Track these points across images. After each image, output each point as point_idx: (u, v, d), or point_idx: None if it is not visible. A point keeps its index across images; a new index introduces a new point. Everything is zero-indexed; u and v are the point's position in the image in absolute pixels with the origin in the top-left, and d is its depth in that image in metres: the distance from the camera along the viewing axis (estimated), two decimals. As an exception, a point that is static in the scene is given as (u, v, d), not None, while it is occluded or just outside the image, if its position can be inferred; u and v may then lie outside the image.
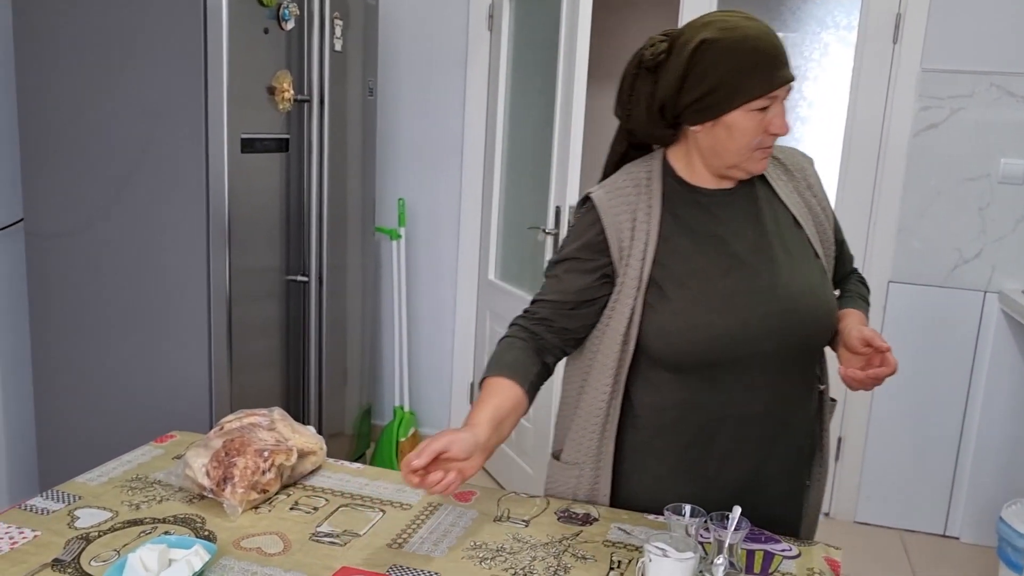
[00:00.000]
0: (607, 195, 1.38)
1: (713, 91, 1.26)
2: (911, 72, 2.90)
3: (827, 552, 1.40)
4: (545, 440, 2.95)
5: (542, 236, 2.87)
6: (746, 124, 1.28)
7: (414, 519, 1.40)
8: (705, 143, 1.33)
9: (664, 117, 1.34)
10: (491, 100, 3.31)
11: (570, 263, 1.40)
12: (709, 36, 1.26)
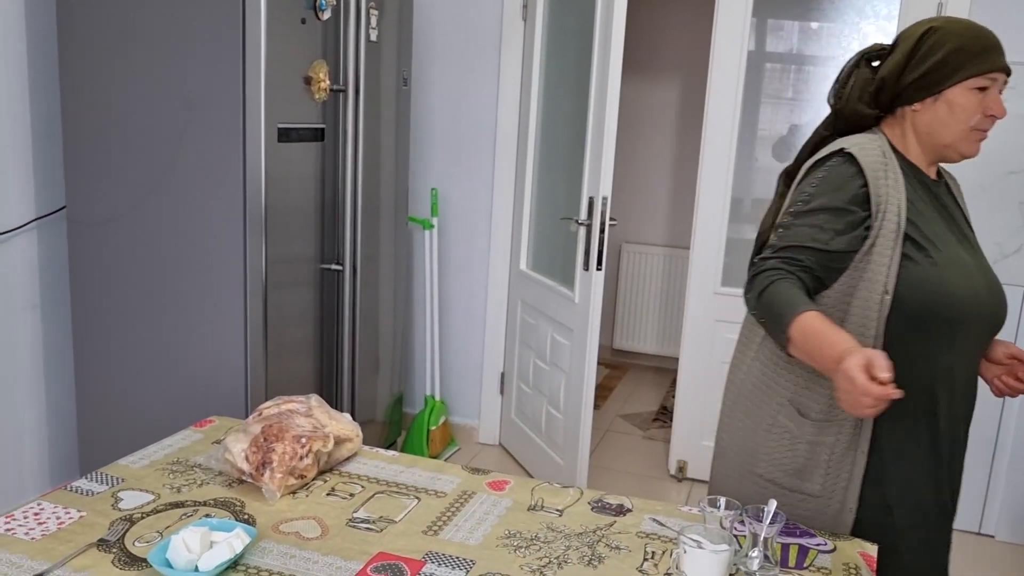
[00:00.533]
0: (861, 151, 1.41)
1: (938, 67, 1.39)
2: (953, 63, 2.85)
3: (862, 547, 1.39)
4: (575, 432, 2.95)
5: (575, 227, 2.87)
6: (966, 101, 1.40)
7: (449, 507, 1.41)
8: (923, 121, 1.44)
9: (878, 100, 1.47)
10: (524, 91, 3.31)
11: (832, 214, 1.39)
12: (935, 25, 1.42)
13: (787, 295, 1.34)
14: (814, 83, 3.08)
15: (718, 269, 3.22)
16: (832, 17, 3.02)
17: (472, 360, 3.60)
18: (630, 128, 4.73)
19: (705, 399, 3.31)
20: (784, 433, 1.48)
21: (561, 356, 3.07)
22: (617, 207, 4.81)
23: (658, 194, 4.73)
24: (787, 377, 1.47)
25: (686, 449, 3.38)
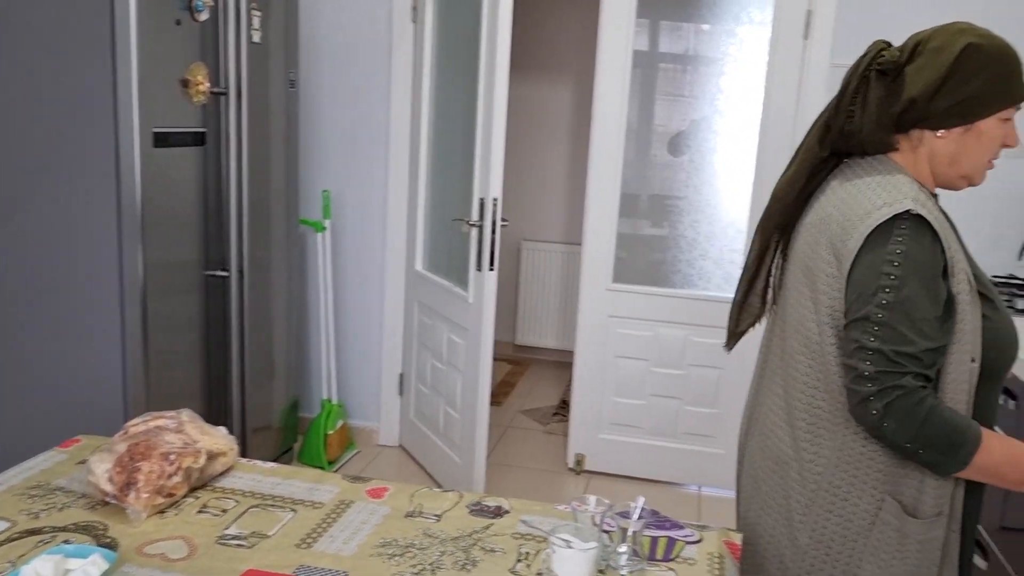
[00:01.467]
0: (924, 208, 1.24)
1: (978, 94, 1.26)
2: (821, 67, 2.99)
3: (727, 536, 1.45)
4: (471, 432, 2.97)
5: (466, 228, 2.89)
6: (996, 132, 1.29)
7: (325, 518, 1.41)
8: (947, 150, 1.31)
9: (900, 122, 1.31)
10: (416, 92, 3.30)
11: (930, 299, 1.22)
12: (973, 41, 1.26)
13: (950, 419, 1.21)
14: (704, 82, 3.17)
15: (610, 265, 3.29)
16: (709, 20, 3.12)
17: (370, 362, 3.58)
18: (526, 127, 4.78)
19: (601, 393, 3.39)
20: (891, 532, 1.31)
21: (457, 356, 3.09)
22: (516, 205, 4.86)
23: (555, 192, 4.80)
24: (879, 467, 1.31)
25: (583, 442, 3.45)
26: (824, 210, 1.34)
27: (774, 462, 1.43)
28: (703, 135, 3.20)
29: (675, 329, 3.29)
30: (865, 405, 1.22)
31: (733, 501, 3.32)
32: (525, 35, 4.68)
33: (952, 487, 1.30)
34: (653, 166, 3.27)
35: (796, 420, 1.38)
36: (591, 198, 3.26)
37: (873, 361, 1.21)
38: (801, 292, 1.37)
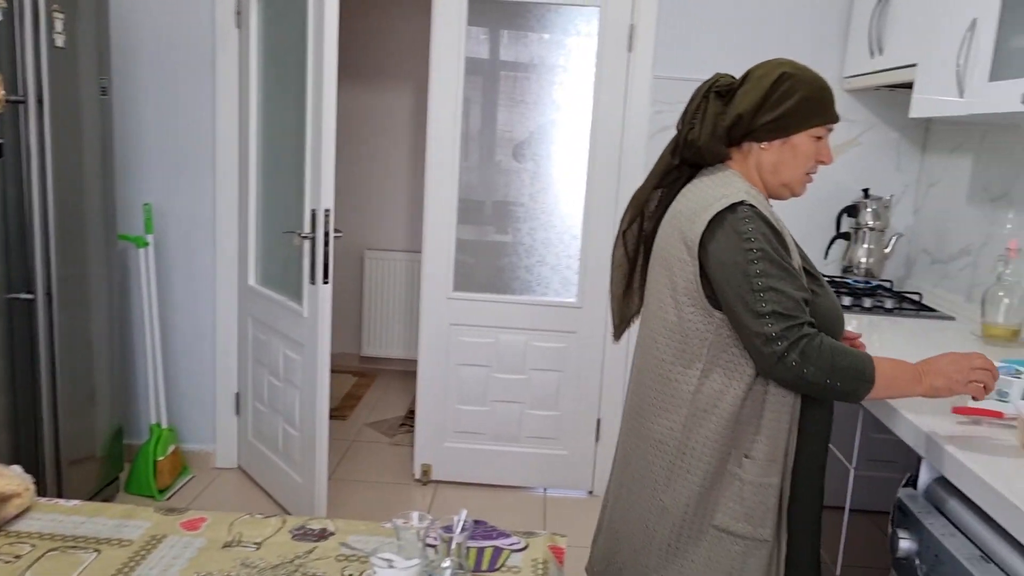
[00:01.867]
0: (756, 200, 1.49)
1: (789, 113, 1.52)
2: (644, 78, 3.13)
3: (552, 541, 1.48)
4: (311, 449, 2.89)
5: (298, 240, 2.81)
6: (807, 147, 1.55)
7: (133, 556, 1.33)
8: (770, 159, 1.56)
9: (730, 135, 1.56)
10: (243, 100, 3.18)
11: (783, 261, 1.45)
12: (787, 71, 1.54)
13: (845, 349, 1.43)
14: (542, 90, 3.23)
15: (450, 273, 3.29)
16: (540, 29, 3.19)
17: (204, 382, 3.42)
18: (366, 135, 4.72)
19: (444, 401, 3.39)
20: (735, 481, 1.52)
21: (294, 372, 3.00)
22: (357, 214, 4.79)
23: (397, 200, 4.77)
24: (728, 428, 1.51)
25: (429, 452, 3.44)
26: (675, 208, 1.59)
27: (638, 437, 1.63)
28: (540, 143, 3.27)
29: (516, 335, 3.34)
30: (783, 361, 1.41)
31: (578, 501, 3.41)
32: (360, 41, 4.63)
33: (785, 436, 1.52)
34: (498, 172, 3.31)
35: (655, 395, 1.59)
36: (429, 206, 3.26)
37: (774, 321, 1.41)
38: (660, 281, 1.59)
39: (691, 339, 1.53)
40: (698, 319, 1.52)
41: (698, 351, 1.52)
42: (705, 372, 1.52)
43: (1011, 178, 2.53)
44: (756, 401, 1.51)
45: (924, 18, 2.46)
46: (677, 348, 1.55)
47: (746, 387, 1.50)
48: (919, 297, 2.85)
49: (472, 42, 3.21)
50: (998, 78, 2.01)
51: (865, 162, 3.18)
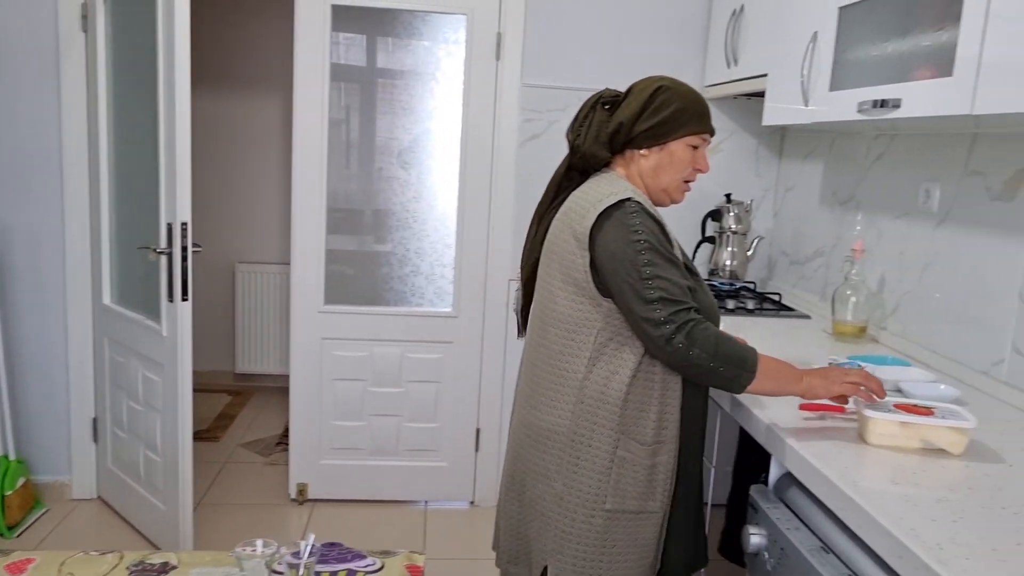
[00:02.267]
0: (641, 199, 1.58)
1: (666, 121, 1.63)
2: (513, 87, 3.14)
3: (410, 559, 1.45)
4: (174, 474, 2.75)
5: (154, 256, 2.67)
6: (683, 155, 1.66)
7: (-59, 607, 1.21)
8: (649, 165, 1.66)
9: (612, 142, 1.66)
10: (91, 108, 3.01)
11: (668, 252, 1.54)
12: (665, 84, 1.65)
13: (732, 339, 1.52)
14: (415, 98, 3.18)
15: (320, 286, 3.21)
16: (406, 37, 3.15)
17: (57, 409, 3.20)
18: (235, 144, 4.56)
19: (319, 418, 3.29)
20: (627, 464, 1.58)
21: (154, 394, 2.85)
22: (228, 226, 4.61)
23: (270, 211, 4.62)
24: (616, 414, 1.57)
25: (305, 470, 3.33)
26: (566, 207, 1.66)
27: (528, 428, 1.68)
28: (413, 151, 3.22)
29: (391, 347, 3.28)
30: (671, 343, 1.48)
31: (459, 512, 3.38)
32: (227, 47, 4.47)
33: (675, 419, 1.59)
34: (371, 181, 3.24)
35: (545, 387, 1.65)
36: (296, 217, 3.16)
37: (662, 306, 1.49)
38: (551, 274, 1.65)
39: (580, 328, 1.60)
40: (587, 308, 1.58)
41: (586, 340, 1.59)
42: (592, 360, 1.58)
43: (856, 182, 2.66)
44: (642, 387, 1.57)
45: (772, 30, 2.57)
46: (566, 338, 1.61)
47: (631, 373, 1.56)
48: (779, 297, 2.97)
49: (352, 49, 3.15)
50: (838, 88, 2.11)
51: (727, 168, 3.30)
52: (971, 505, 1.29)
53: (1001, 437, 1.64)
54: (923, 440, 1.49)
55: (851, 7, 2.06)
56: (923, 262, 2.27)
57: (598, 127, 1.67)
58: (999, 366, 1.95)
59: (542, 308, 1.69)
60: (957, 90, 1.60)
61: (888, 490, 1.33)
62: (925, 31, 1.75)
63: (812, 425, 1.60)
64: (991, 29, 1.52)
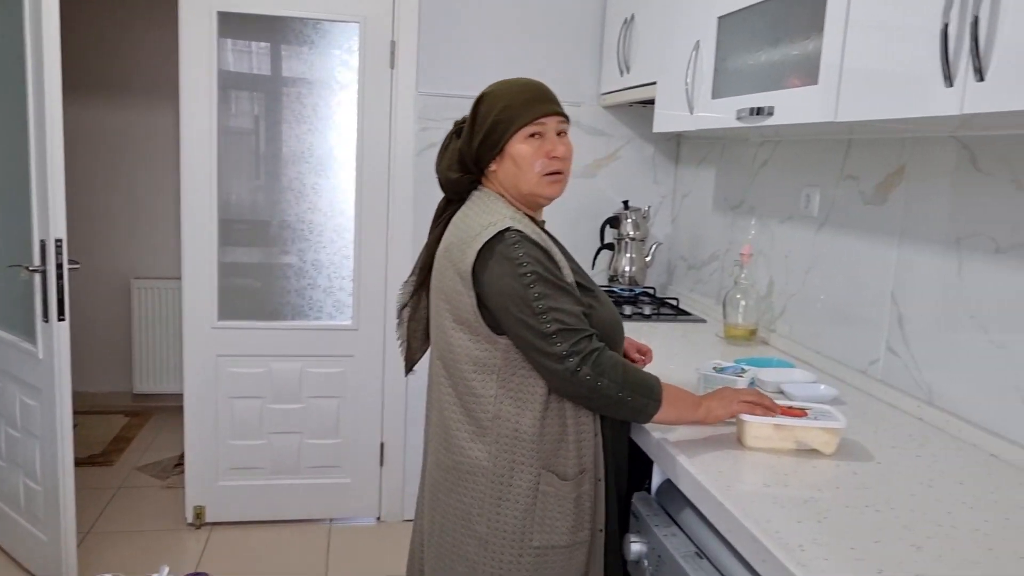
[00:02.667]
0: (520, 224, 1.50)
1: (494, 127, 1.53)
2: (408, 95, 3.10)
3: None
4: (55, 503, 2.61)
5: (26, 274, 2.53)
6: (524, 150, 1.54)
7: None
8: (503, 176, 1.57)
9: (466, 167, 1.59)
10: (-40, 118, 2.84)
11: (558, 279, 1.48)
12: (488, 90, 1.58)
13: (636, 367, 1.49)
14: (314, 107, 3.11)
15: (213, 301, 3.10)
16: (300, 43, 3.08)
17: (-72, 438, 3.00)
18: (128, 155, 4.39)
19: (216, 438, 3.18)
20: (550, 499, 1.52)
21: (32, 420, 2.70)
22: (121, 241, 4.44)
23: (166, 224, 4.46)
24: (533, 449, 1.50)
25: (202, 493, 3.21)
26: (446, 241, 1.58)
27: (444, 470, 1.59)
28: (308, 160, 3.15)
29: (290, 362, 3.19)
30: (577, 375, 1.42)
31: (366, 529, 3.31)
32: (111, 54, 4.30)
33: (592, 447, 1.54)
34: (266, 192, 3.14)
35: (456, 428, 1.56)
36: (186, 229, 3.05)
37: (561, 339, 1.42)
38: (442, 314, 1.57)
39: (482, 368, 1.52)
40: (484, 347, 1.51)
41: (490, 379, 1.52)
42: (500, 398, 1.51)
43: (745, 188, 2.72)
44: (554, 419, 1.51)
45: (660, 39, 2.60)
46: (470, 378, 1.54)
47: (541, 407, 1.50)
48: (676, 302, 3.01)
49: (259, 57, 3.05)
50: (719, 96, 2.15)
51: (625, 175, 3.33)
52: (836, 505, 1.31)
53: (875, 435, 1.68)
54: (797, 441, 1.51)
55: (729, 17, 2.10)
56: (806, 265, 2.33)
57: (451, 156, 1.63)
58: (875, 365, 2.00)
59: (440, 349, 1.61)
60: (822, 98, 1.64)
61: (759, 492, 1.34)
62: (794, 40, 1.79)
63: (691, 431, 1.61)
64: (851, 38, 1.56)
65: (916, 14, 1.37)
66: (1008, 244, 1.60)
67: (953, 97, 1.28)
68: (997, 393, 1.62)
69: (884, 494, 1.36)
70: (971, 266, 1.69)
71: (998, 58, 1.19)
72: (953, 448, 1.63)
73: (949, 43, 1.27)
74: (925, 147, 1.85)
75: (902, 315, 1.91)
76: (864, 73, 1.52)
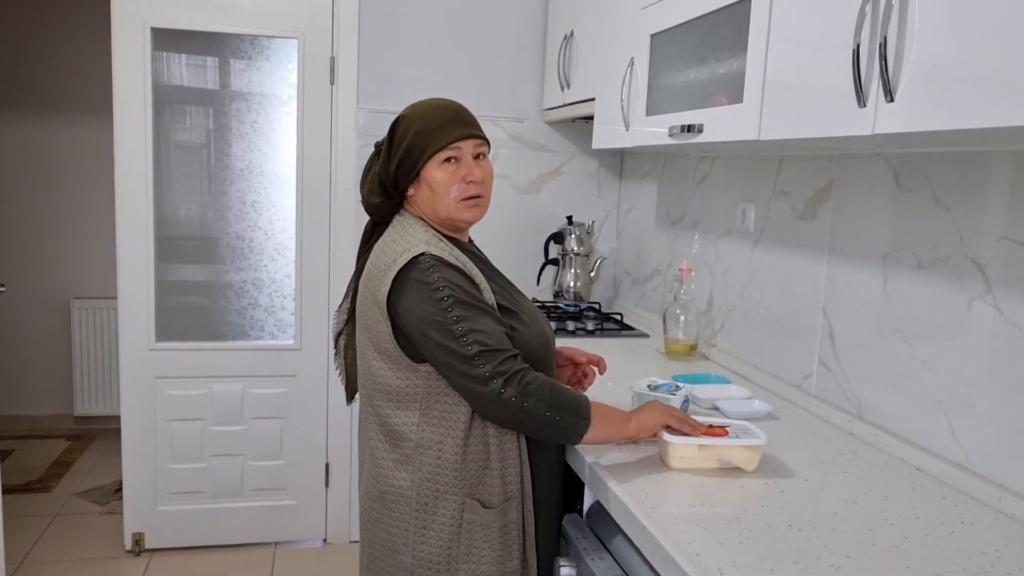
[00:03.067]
0: (436, 248, 1.47)
1: (409, 152, 1.50)
2: (349, 111, 3.07)
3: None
4: (-18, 534, 2.52)
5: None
6: (440, 175, 1.50)
7: None
8: (421, 200, 1.54)
9: (387, 190, 1.55)
10: None
11: (478, 300, 1.45)
12: (403, 113, 1.54)
13: (563, 386, 1.46)
14: (256, 121, 3.07)
15: (150, 322, 3.03)
16: (238, 55, 3.04)
17: None
18: (66, 173, 4.29)
19: (155, 462, 3.10)
20: (475, 528, 1.47)
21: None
22: (59, 261, 4.33)
23: (106, 242, 4.36)
24: (456, 476, 1.47)
25: (142, 519, 3.13)
26: (367, 269, 1.55)
27: (373, 499, 1.55)
28: (247, 177, 3.10)
29: (231, 383, 3.13)
30: (502, 397, 1.39)
31: (312, 551, 3.25)
32: (45, 71, 4.20)
33: (517, 474, 1.50)
34: (206, 209, 3.09)
35: (382, 456, 1.53)
36: (121, 248, 2.98)
37: (484, 360, 1.39)
38: (364, 343, 1.54)
39: (404, 396, 1.49)
40: (405, 375, 1.48)
41: (413, 406, 1.49)
42: (422, 426, 1.48)
43: (686, 203, 2.73)
44: (478, 445, 1.48)
45: (598, 55, 2.61)
46: (392, 406, 1.50)
47: (464, 434, 1.47)
48: (621, 317, 3.01)
49: (200, 71, 3.00)
50: (653, 112, 2.16)
51: (570, 190, 3.33)
52: (760, 525, 1.31)
53: (805, 451, 1.69)
54: (720, 460, 1.51)
55: (661, 34, 2.11)
56: (744, 280, 2.34)
57: (372, 180, 1.59)
58: (809, 379, 2.02)
59: (364, 378, 1.58)
60: (746, 116, 1.65)
61: (685, 513, 1.34)
62: (721, 59, 1.80)
63: (624, 452, 1.60)
64: (772, 57, 1.58)
65: (831, 35, 1.38)
66: (929, 260, 1.62)
67: (866, 117, 1.29)
68: (922, 407, 1.63)
69: (808, 513, 1.36)
70: (896, 281, 1.71)
71: (907, 79, 1.20)
72: (881, 463, 1.64)
73: (861, 64, 1.29)
74: (851, 164, 1.87)
75: (833, 329, 1.92)
76: (785, 93, 1.53)
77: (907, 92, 1.20)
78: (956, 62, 1.11)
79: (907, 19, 1.19)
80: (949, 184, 1.58)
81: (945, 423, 1.57)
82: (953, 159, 1.57)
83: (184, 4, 2.90)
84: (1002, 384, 1.45)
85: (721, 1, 1.78)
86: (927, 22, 1.16)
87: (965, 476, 1.50)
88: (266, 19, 2.97)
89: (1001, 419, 1.45)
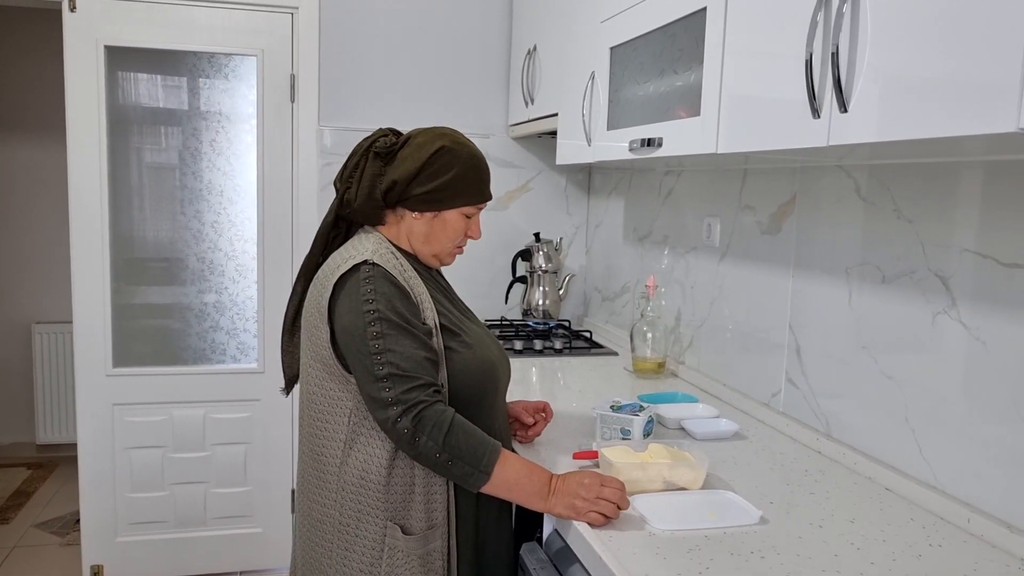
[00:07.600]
0: (382, 260, 1.43)
1: (443, 188, 1.48)
2: (310, 129, 3.01)
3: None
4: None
5: None
6: (457, 223, 1.53)
7: None
8: (420, 229, 1.52)
9: (386, 198, 1.49)
10: None
11: (408, 323, 1.39)
12: (447, 145, 1.49)
13: (472, 430, 1.36)
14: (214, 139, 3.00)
15: (107, 347, 2.94)
16: (199, 73, 2.98)
17: None
18: (23, 195, 4.19)
19: (115, 491, 3.00)
20: (397, 553, 1.42)
21: (-98, 482, 2.50)
22: (20, 284, 4.23)
23: (67, 265, 4.26)
24: (380, 499, 1.41)
25: (100, 551, 3.03)
26: (320, 273, 1.50)
27: (301, 518, 1.52)
28: (207, 197, 3.03)
29: (192, 408, 3.04)
30: (396, 427, 1.33)
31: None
32: (17, 94, 4.12)
33: (443, 502, 1.45)
34: (171, 229, 3.01)
35: (307, 474, 1.49)
36: (76, 271, 2.90)
37: (391, 384, 1.34)
38: (306, 352, 1.50)
39: (332, 410, 1.44)
40: (337, 388, 1.43)
41: (340, 422, 1.43)
42: (349, 444, 1.42)
43: (652, 218, 2.69)
44: (403, 470, 1.42)
45: (560, 70, 2.57)
46: (321, 421, 1.46)
47: (389, 456, 1.41)
48: (590, 334, 2.96)
49: (159, 90, 2.93)
50: (614, 127, 2.12)
51: (537, 206, 3.29)
52: (722, 552, 1.26)
53: (771, 471, 1.64)
54: (665, 481, 1.46)
55: (620, 47, 2.08)
56: (711, 296, 2.30)
57: (371, 181, 1.49)
58: (777, 397, 1.97)
59: (301, 388, 1.53)
60: (705, 129, 1.62)
61: (644, 541, 1.28)
62: (679, 71, 1.77)
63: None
64: (727, 70, 1.54)
65: (784, 45, 1.35)
66: (893, 274, 1.58)
67: (821, 128, 1.25)
68: (889, 424, 1.59)
69: (772, 538, 1.31)
70: (860, 296, 1.68)
71: (860, 89, 1.16)
72: (848, 483, 1.60)
73: (814, 74, 1.25)
74: (814, 177, 1.84)
75: (800, 346, 1.88)
76: (742, 105, 1.49)
77: (861, 102, 1.16)
78: (909, 71, 1.07)
79: (859, 28, 1.16)
80: (911, 196, 1.54)
81: (913, 440, 1.53)
82: (916, 171, 1.54)
83: (138, 22, 2.84)
84: (969, 400, 1.41)
85: (678, 12, 1.75)
86: (879, 31, 1.13)
87: (934, 495, 1.46)
88: (224, 36, 2.92)
89: (968, 436, 1.41)
